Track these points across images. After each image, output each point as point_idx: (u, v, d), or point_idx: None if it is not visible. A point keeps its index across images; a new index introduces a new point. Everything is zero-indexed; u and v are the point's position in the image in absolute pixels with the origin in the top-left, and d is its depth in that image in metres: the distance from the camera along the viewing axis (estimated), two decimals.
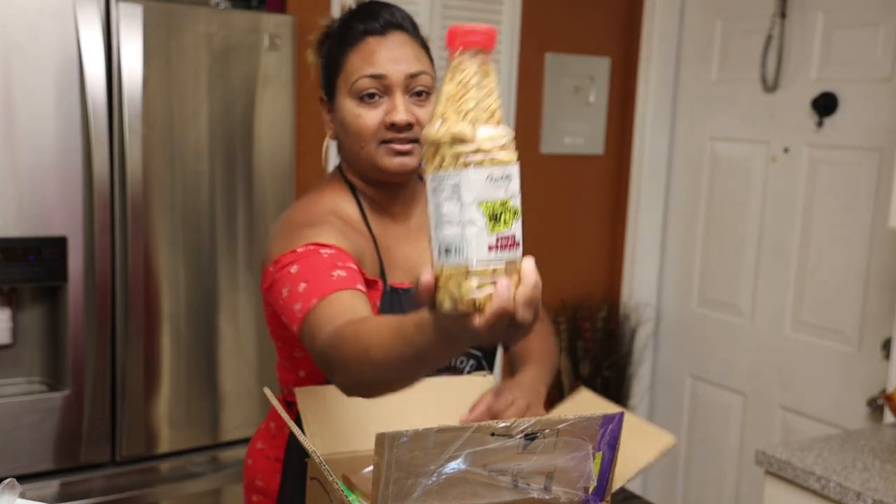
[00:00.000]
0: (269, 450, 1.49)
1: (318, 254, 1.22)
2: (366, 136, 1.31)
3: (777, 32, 2.82)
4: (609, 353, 3.28)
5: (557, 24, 3.11)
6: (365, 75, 1.30)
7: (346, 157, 1.39)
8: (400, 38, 1.32)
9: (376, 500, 0.97)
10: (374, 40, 1.31)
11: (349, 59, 1.32)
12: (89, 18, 1.93)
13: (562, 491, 1.07)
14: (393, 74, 1.30)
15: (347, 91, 1.32)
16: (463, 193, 0.79)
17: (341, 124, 1.34)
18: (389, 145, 1.31)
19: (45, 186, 1.94)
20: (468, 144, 0.79)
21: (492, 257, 0.80)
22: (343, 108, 1.33)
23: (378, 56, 1.30)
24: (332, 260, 1.21)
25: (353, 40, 1.32)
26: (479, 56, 0.86)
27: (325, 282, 1.17)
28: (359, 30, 1.32)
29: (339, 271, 1.19)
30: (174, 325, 2.15)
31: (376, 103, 1.30)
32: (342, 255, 1.24)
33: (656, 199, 3.30)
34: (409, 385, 1.04)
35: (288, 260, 1.23)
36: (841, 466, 1.90)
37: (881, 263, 2.58)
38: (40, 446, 2.00)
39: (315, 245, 1.24)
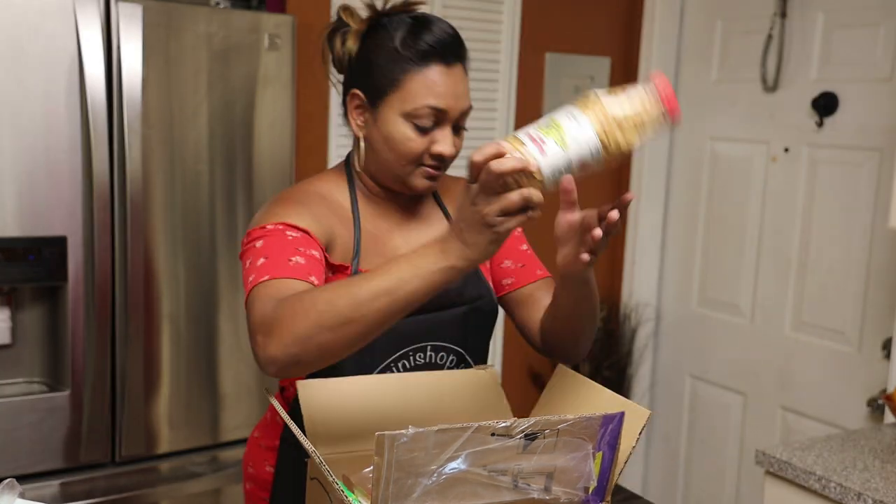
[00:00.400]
0: (263, 438, 1.51)
1: (284, 235, 1.26)
2: (409, 158, 1.33)
3: (777, 32, 2.82)
4: (609, 353, 3.28)
5: (557, 24, 3.11)
6: (428, 106, 1.30)
7: (373, 162, 1.38)
8: (460, 72, 1.34)
9: (376, 500, 0.97)
10: (439, 70, 1.31)
11: (411, 80, 1.31)
12: (89, 18, 1.93)
13: (562, 491, 1.07)
14: (452, 111, 1.32)
15: (402, 111, 1.31)
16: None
17: (384, 137, 1.34)
18: (425, 169, 1.34)
19: (45, 186, 1.94)
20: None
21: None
22: (391, 123, 1.32)
23: (442, 88, 1.31)
24: (294, 244, 1.25)
25: (418, 60, 1.31)
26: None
27: (282, 265, 1.21)
28: (423, 51, 1.31)
29: (297, 258, 1.23)
30: (174, 325, 2.15)
31: (427, 131, 1.32)
32: (307, 240, 1.27)
33: (656, 199, 3.30)
34: (362, 341, 1.09)
35: (257, 235, 1.28)
36: (841, 466, 1.90)
37: (881, 263, 2.58)
38: (40, 446, 2.00)
39: (284, 225, 1.28)
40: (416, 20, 1.34)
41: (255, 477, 1.50)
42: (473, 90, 1.41)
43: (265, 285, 1.19)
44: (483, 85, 2.94)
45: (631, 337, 3.29)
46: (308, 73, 2.56)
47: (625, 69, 3.30)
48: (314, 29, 1.86)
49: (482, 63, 2.92)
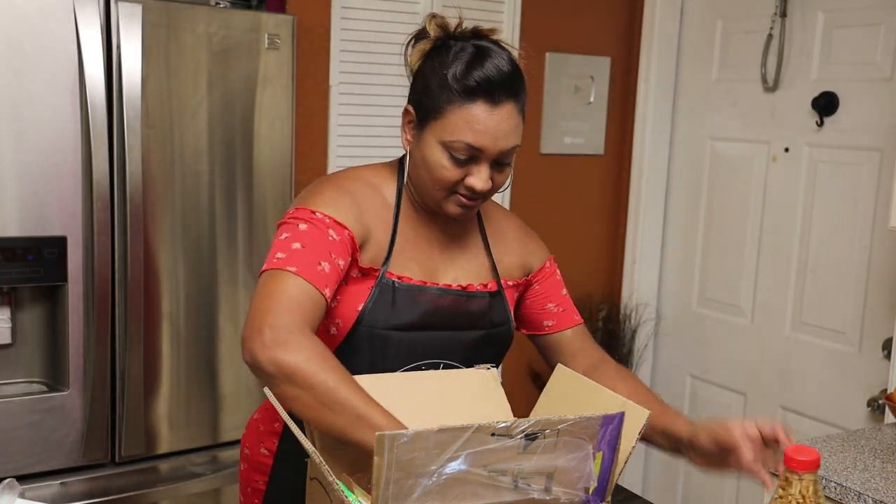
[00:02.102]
0: (261, 421, 1.51)
1: (327, 233, 1.29)
2: (441, 185, 1.34)
3: (777, 32, 2.82)
4: (609, 353, 3.27)
5: (557, 24, 3.11)
6: (464, 142, 1.30)
7: (415, 176, 1.39)
8: (508, 109, 1.31)
9: (376, 500, 0.97)
10: (483, 108, 1.29)
11: (453, 113, 1.30)
12: (89, 18, 1.93)
13: (562, 491, 1.06)
14: (489, 150, 1.30)
15: (440, 140, 1.31)
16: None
17: (423, 159, 1.34)
18: (459, 197, 1.35)
19: (45, 186, 1.94)
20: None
21: None
22: (429, 148, 1.33)
23: (482, 127, 1.29)
24: (330, 248, 1.28)
25: (464, 94, 1.29)
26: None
27: (311, 266, 1.24)
28: (471, 87, 1.29)
29: (326, 264, 1.26)
30: (174, 325, 2.15)
31: (463, 163, 1.32)
32: (342, 246, 1.29)
33: (656, 199, 3.30)
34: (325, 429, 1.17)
35: (304, 216, 1.30)
36: (841, 467, 1.90)
37: (881, 263, 2.57)
38: (40, 446, 2.00)
39: (331, 221, 1.30)
40: (476, 50, 1.32)
41: (250, 458, 1.51)
42: None
43: (288, 276, 1.23)
44: None
45: (631, 337, 3.29)
46: (308, 72, 2.56)
47: (625, 69, 3.30)
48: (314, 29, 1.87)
49: None
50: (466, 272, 1.45)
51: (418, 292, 1.37)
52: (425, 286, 1.39)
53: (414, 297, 1.36)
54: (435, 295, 1.39)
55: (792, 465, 1.11)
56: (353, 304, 1.34)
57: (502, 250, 1.50)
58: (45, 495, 1.99)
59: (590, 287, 3.34)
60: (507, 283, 1.49)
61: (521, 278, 1.52)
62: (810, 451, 1.11)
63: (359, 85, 2.71)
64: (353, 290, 1.35)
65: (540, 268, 1.54)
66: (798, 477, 1.11)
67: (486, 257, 1.48)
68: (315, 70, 2.58)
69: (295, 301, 1.21)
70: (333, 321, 1.35)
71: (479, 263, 1.47)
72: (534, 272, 1.54)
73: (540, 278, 1.54)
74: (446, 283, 1.42)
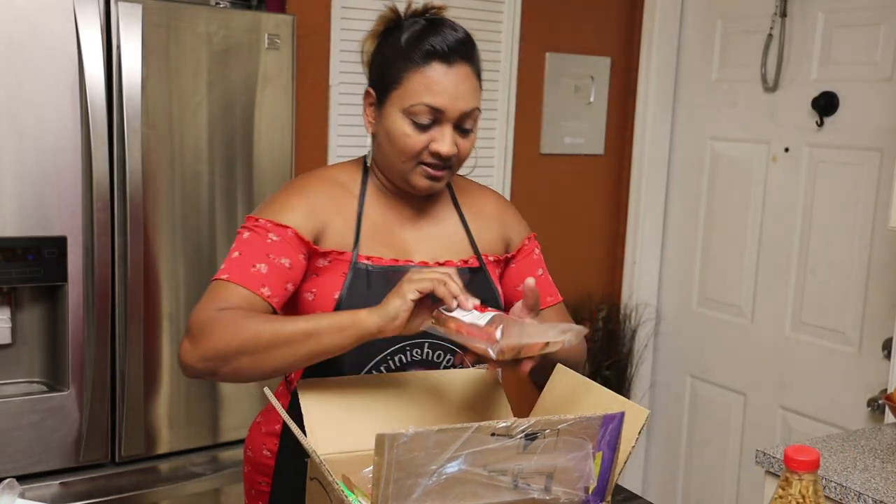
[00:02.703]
0: (263, 423, 1.52)
1: (265, 237, 1.34)
2: (408, 155, 1.36)
3: (777, 32, 2.82)
4: (609, 353, 3.28)
5: (557, 24, 3.11)
6: (424, 104, 1.33)
7: (380, 157, 1.43)
8: (464, 71, 1.36)
9: (376, 500, 0.97)
10: (439, 68, 1.34)
11: (411, 79, 1.34)
12: (89, 18, 1.93)
13: (562, 491, 1.06)
14: (450, 110, 1.34)
15: (401, 108, 1.35)
16: None
17: (386, 133, 1.38)
18: (425, 168, 1.37)
19: (45, 186, 1.94)
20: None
21: None
22: (392, 119, 1.36)
23: (440, 86, 1.33)
24: (268, 249, 1.33)
25: (419, 59, 1.34)
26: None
27: (244, 269, 1.31)
28: (426, 50, 1.34)
29: (262, 265, 1.31)
30: (174, 325, 2.15)
31: (425, 128, 1.35)
32: (284, 245, 1.34)
33: (656, 199, 3.30)
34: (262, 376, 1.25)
35: (249, 225, 1.37)
36: (841, 467, 1.90)
37: (881, 263, 2.57)
38: (40, 446, 2.00)
39: (271, 224, 1.35)
40: (428, 22, 1.37)
41: (253, 460, 1.52)
42: None
43: (221, 284, 1.30)
44: (483, 85, 2.93)
45: (631, 337, 3.29)
46: (308, 72, 2.56)
47: (625, 69, 3.30)
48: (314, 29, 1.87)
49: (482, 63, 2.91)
50: (444, 249, 1.46)
51: (392, 272, 1.38)
52: (398, 265, 1.40)
53: (389, 278, 1.38)
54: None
55: (792, 465, 1.11)
56: (330, 293, 1.37)
57: (480, 226, 1.51)
58: (45, 495, 1.99)
59: (590, 287, 3.34)
60: (489, 258, 1.49)
61: (503, 254, 1.52)
62: (810, 451, 1.11)
63: (359, 85, 2.70)
64: (326, 280, 1.37)
65: (519, 246, 1.54)
66: (798, 477, 1.11)
67: (463, 233, 1.48)
68: (315, 70, 2.58)
69: (219, 300, 1.27)
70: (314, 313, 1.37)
71: (457, 240, 1.47)
72: (513, 250, 1.53)
73: (518, 257, 1.54)
74: (422, 260, 1.43)
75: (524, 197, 3.09)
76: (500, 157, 3.03)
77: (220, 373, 1.24)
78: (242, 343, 1.20)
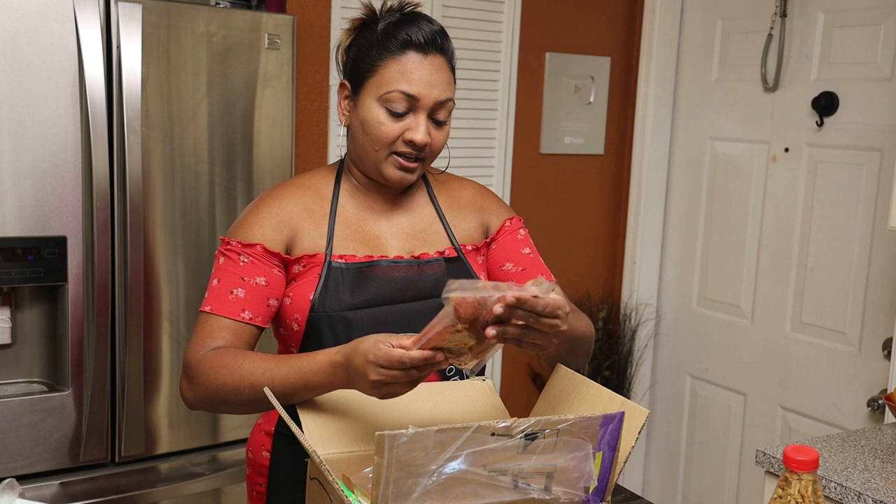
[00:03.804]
0: (264, 424, 1.53)
1: (237, 260, 1.38)
2: (382, 143, 1.37)
3: (777, 32, 2.82)
4: (609, 353, 3.28)
5: (557, 24, 3.11)
6: (399, 90, 1.34)
7: (354, 148, 1.44)
8: (438, 62, 1.37)
9: (376, 500, 0.97)
10: (415, 57, 1.35)
11: (386, 67, 1.36)
12: (89, 18, 1.93)
13: (562, 491, 1.06)
14: (425, 98, 1.35)
15: (377, 97, 1.36)
16: None
17: (361, 122, 1.39)
18: (398, 158, 1.37)
19: (45, 186, 1.94)
20: None
21: None
22: (367, 108, 1.37)
23: (416, 74, 1.35)
24: (241, 272, 1.37)
25: (395, 49, 1.36)
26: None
27: (224, 298, 1.36)
28: (402, 40, 1.36)
29: (239, 290, 1.36)
30: (174, 325, 2.15)
31: (400, 117, 1.36)
32: (256, 263, 1.38)
33: (656, 199, 3.30)
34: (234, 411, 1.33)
35: (223, 249, 1.40)
36: (841, 467, 1.90)
37: (881, 263, 2.57)
38: (40, 446, 2.00)
39: (241, 246, 1.38)
40: (403, 16, 1.40)
41: (253, 462, 1.52)
42: (474, 90, 1.42)
43: (205, 317, 1.36)
44: (483, 85, 2.94)
45: (631, 337, 3.29)
46: (308, 72, 2.56)
47: (625, 69, 3.30)
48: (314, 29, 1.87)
49: (482, 63, 2.92)
50: (421, 242, 1.46)
51: (367, 268, 1.40)
52: (373, 261, 1.41)
53: (364, 275, 1.39)
54: (385, 268, 1.41)
55: (791, 464, 1.11)
56: (305, 294, 1.38)
57: (457, 215, 1.50)
58: (45, 495, 1.99)
59: (590, 287, 3.34)
60: (468, 248, 1.48)
61: (482, 240, 1.51)
62: (809, 451, 1.11)
63: None
64: (302, 284, 1.39)
65: (499, 227, 1.52)
66: (797, 477, 1.11)
67: (439, 224, 1.48)
68: (315, 70, 2.58)
69: (206, 336, 1.35)
70: (293, 317, 1.39)
71: (432, 231, 1.47)
72: (492, 233, 1.52)
73: (497, 237, 1.52)
74: (397, 254, 1.43)
75: (524, 197, 3.09)
76: (500, 157, 3.03)
77: (216, 410, 1.37)
78: (227, 394, 1.29)
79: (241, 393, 1.27)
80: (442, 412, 1.32)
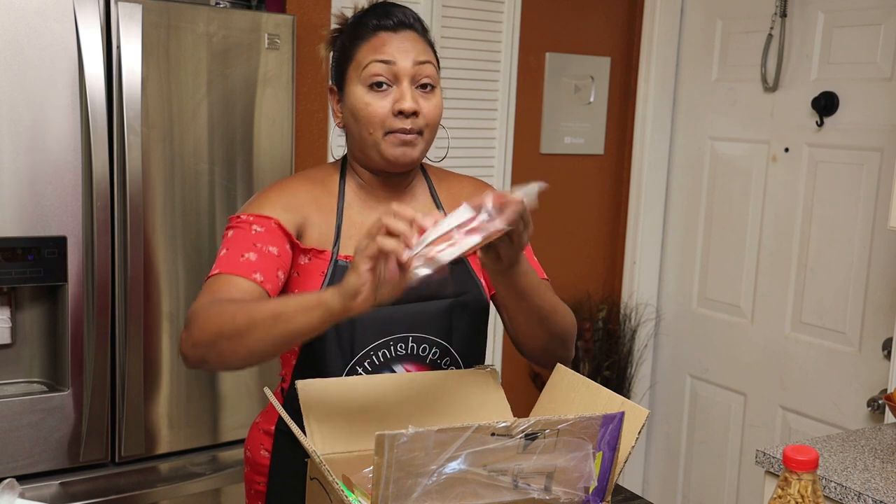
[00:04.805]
0: (262, 423, 1.53)
1: (250, 229, 1.35)
2: (374, 123, 1.37)
3: (777, 32, 2.82)
4: (609, 353, 3.28)
5: (557, 24, 3.11)
6: (375, 59, 1.36)
7: (353, 144, 1.44)
8: (410, 34, 1.39)
9: (376, 500, 0.97)
10: (385, 35, 1.38)
11: (360, 50, 1.38)
12: (89, 18, 1.93)
13: (562, 491, 1.06)
14: (401, 62, 1.36)
15: (358, 78, 1.37)
16: None
17: (351, 111, 1.40)
18: (395, 135, 1.37)
19: (45, 186, 1.94)
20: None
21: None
22: (353, 95, 1.38)
23: (388, 46, 1.37)
24: (254, 239, 1.34)
25: (366, 34, 1.39)
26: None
27: (234, 260, 1.31)
28: (371, 25, 1.39)
29: (250, 254, 1.32)
30: (174, 325, 2.15)
31: (385, 92, 1.36)
32: (268, 235, 1.35)
33: (656, 199, 3.30)
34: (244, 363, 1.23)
35: (233, 224, 1.38)
36: (841, 467, 1.90)
37: (881, 263, 2.57)
38: (40, 446, 2.00)
39: (254, 217, 1.36)
40: (372, 6, 1.43)
41: (252, 461, 1.52)
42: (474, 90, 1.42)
43: (215, 279, 1.30)
44: (483, 85, 2.94)
45: (631, 337, 3.29)
46: (308, 72, 2.55)
47: (625, 69, 3.30)
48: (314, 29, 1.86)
49: (482, 63, 2.92)
50: None
51: None
52: None
53: None
54: None
55: (791, 464, 1.11)
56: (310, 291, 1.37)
57: None
58: (45, 495, 1.99)
59: (590, 287, 3.34)
60: None
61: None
62: (809, 451, 1.11)
63: None
64: (307, 280, 1.38)
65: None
66: (797, 477, 1.11)
67: None
68: (315, 70, 2.58)
69: (214, 293, 1.28)
70: None
71: None
72: None
73: None
74: None
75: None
76: (499, 156, 3.03)
77: (209, 360, 1.25)
78: (220, 327, 1.20)
79: (236, 322, 1.19)
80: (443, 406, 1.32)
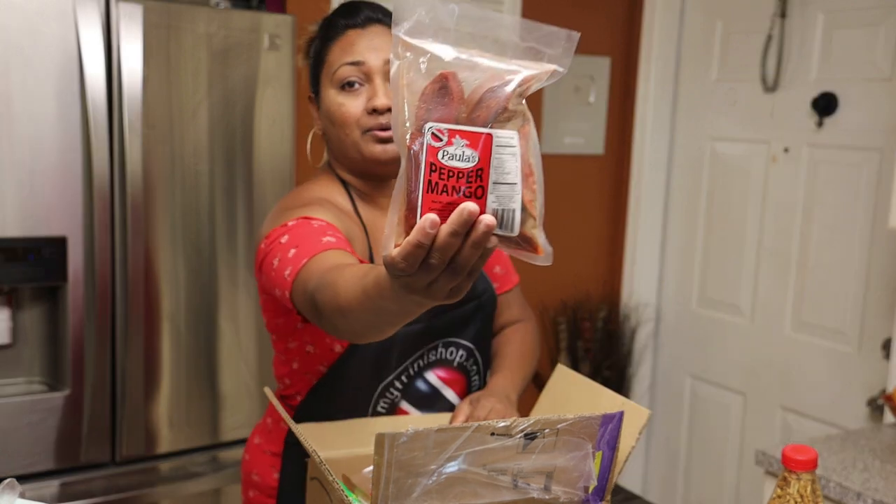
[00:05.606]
0: (266, 444, 1.49)
1: (309, 224, 1.26)
2: (350, 124, 1.35)
3: (777, 32, 2.82)
4: (609, 353, 3.28)
5: (557, 23, 3.10)
6: (345, 63, 1.35)
7: (333, 149, 1.42)
8: (379, 29, 1.37)
9: (376, 500, 0.97)
10: (354, 33, 1.37)
11: (331, 52, 1.37)
12: (89, 18, 1.93)
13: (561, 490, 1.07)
14: (371, 61, 1.34)
15: (330, 81, 1.37)
16: None
17: (327, 115, 1.38)
18: (372, 133, 1.34)
19: (45, 186, 1.94)
20: None
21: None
22: (327, 98, 1.38)
23: (357, 46, 1.35)
24: (322, 230, 1.25)
25: (335, 34, 1.38)
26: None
27: (315, 245, 1.20)
28: (340, 24, 1.38)
29: (328, 237, 1.22)
30: (174, 325, 2.15)
31: (357, 91, 1.35)
32: (332, 227, 1.27)
33: (656, 199, 3.30)
34: (378, 336, 1.03)
35: (279, 233, 1.27)
36: (841, 466, 1.90)
37: (881, 263, 2.58)
38: (40, 446, 2.00)
39: (306, 218, 1.28)
40: (335, 10, 1.42)
41: (261, 485, 1.47)
42: None
43: (304, 270, 1.16)
44: None
45: (631, 337, 3.29)
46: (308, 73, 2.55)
47: (625, 69, 3.30)
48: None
49: None
50: None
51: None
52: None
53: None
54: None
55: (790, 464, 1.11)
56: None
57: None
58: (45, 495, 1.99)
59: (589, 287, 3.34)
60: None
61: None
62: (808, 451, 1.11)
63: None
64: None
65: None
66: (796, 476, 1.11)
67: None
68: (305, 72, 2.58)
69: (316, 277, 1.12)
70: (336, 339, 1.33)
71: None
72: None
73: None
74: None
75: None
76: None
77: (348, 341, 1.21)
78: (335, 324, 1.07)
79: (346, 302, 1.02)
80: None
